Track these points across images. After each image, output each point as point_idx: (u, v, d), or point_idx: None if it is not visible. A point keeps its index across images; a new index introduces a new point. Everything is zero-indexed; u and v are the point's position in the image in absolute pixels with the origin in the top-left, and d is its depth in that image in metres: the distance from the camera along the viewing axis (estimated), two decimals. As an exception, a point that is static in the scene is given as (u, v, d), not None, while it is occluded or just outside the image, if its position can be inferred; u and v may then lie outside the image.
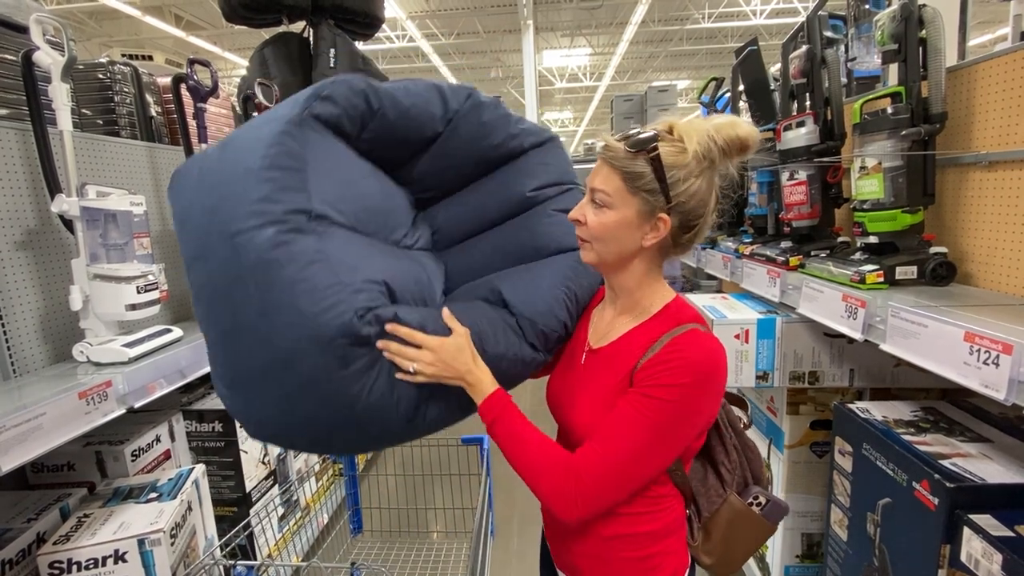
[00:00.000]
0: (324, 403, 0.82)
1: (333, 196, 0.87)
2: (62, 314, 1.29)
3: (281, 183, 0.79)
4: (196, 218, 0.84)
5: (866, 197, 1.34)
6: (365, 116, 0.95)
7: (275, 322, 0.78)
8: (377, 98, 0.94)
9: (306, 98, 0.88)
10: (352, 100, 0.92)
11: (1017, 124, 1.17)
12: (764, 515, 0.99)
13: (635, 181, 0.85)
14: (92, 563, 1.07)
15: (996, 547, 0.85)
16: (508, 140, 1.10)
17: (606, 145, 0.87)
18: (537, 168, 1.13)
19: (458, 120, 1.05)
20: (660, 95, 5.83)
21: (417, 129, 1.02)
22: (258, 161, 0.79)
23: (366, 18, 2.99)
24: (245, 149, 0.83)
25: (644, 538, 0.92)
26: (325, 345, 0.78)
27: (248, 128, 0.89)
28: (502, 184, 1.12)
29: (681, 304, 0.95)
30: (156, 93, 1.88)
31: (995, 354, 0.79)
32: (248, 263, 0.77)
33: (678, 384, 0.82)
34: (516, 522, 2.67)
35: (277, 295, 0.77)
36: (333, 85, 0.90)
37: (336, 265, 0.81)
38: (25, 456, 0.89)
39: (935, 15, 1.23)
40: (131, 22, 9.59)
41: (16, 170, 1.22)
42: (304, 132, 0.85)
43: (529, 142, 1.13)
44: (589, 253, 0.92)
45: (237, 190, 0.79)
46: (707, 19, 10.96)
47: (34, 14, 1.17)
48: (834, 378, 1.53)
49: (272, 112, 0.89)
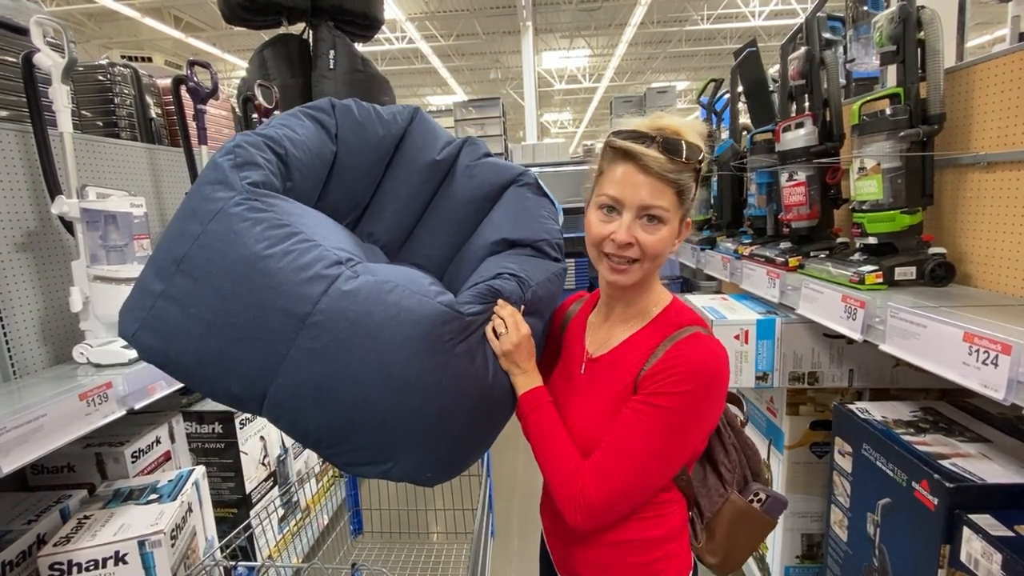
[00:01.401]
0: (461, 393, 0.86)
1: (333, 241, 0.88)
2: (62, 316, 1.29)
3: (298, 251, 0.79)
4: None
5: (865, 198, 1.34)
6: (280, 167, 0.93)
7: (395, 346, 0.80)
8: (279, 145, 0.92)
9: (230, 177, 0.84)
10: (262, 155, 0.89)
11: (1015, 125, 1.18)
12: (765, 511, 0.99)
13: (685, 194, 0.84)
14: (92, 564, 1.07)
15: (996, 547, 0.85)
16: (388, 127, 1.11)
17: (651, 157, 0.81)
18: (427, 138, 1.14)
19: (343, 133, 1.06)
20: (659, 96, 5.84)
21: (319, 157, 1.01)
22: (260, 248, 0.78)
23: (365, 19, 2.99)
24: (233, 244, 0.79)
25: (649, 543, 0.92)
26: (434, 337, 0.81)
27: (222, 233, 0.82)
28: (408, 165, 1.13)
29: (680, 307, 0.94)
30: (156, 95, 1.88)
31: (994, 354, 0.79)
32: (340, 320, 0.78)
33: (682, 391, 0.82)
34: (516, 523, 2.67)
35: (379, 326, 0.79)
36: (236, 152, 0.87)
37: (390, 274, 0.85)
38: (25, 457, 0.88)
39: (933, 16, 1.24)
40: (131, 24, 9.59)
41: (16, 172, 1.22)
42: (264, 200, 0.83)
43: (404, 120, 1.14)
44: (635, 274, 0.87)
45: (276, 282, 0.78)
46: (706, 20, 10.98)
47: (34, 16, 1.17)
48: (834, 378, 1.53)
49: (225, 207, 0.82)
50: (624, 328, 0.95)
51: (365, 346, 0.79)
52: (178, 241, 0.81)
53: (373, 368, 0.79)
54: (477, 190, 1.13)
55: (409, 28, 10.26)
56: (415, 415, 0.83)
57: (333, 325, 0.78)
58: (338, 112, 1.06)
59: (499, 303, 0.91)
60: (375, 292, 0.80)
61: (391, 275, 0.84)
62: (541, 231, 1.05)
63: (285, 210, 0.83)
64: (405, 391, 0.81)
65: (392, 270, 0.88)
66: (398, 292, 0.81)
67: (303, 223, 0.84)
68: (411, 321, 0.80)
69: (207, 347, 0.80)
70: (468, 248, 1.12)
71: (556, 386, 1.03)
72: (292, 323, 0.78)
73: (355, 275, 0.81)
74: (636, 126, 0.85)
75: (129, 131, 1.74)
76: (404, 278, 0.85)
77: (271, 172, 0.87)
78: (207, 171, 0.85)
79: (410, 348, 0.80)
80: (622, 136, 0.84)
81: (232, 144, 0.87)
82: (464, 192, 1.13)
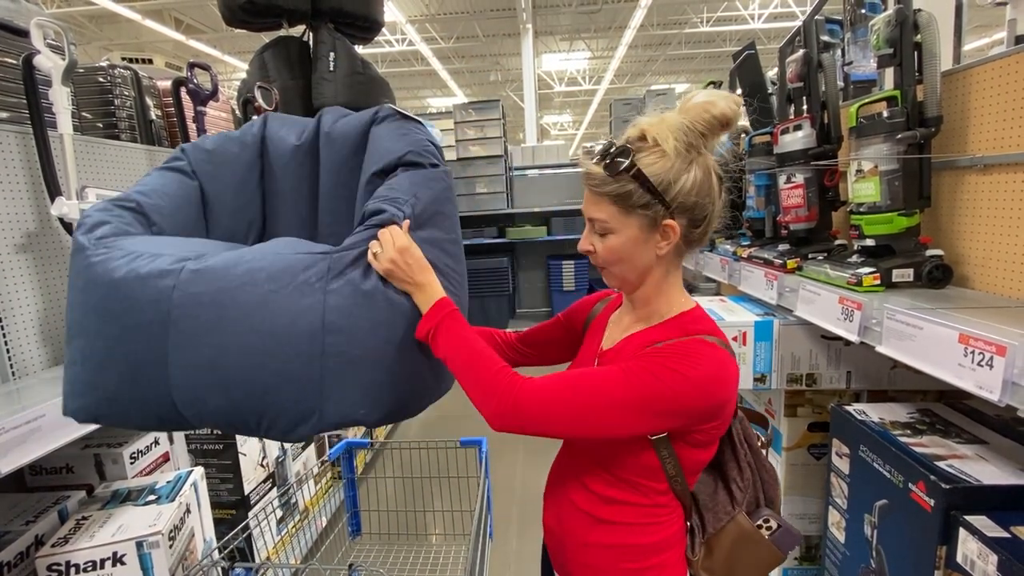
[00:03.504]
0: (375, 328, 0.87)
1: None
2: (61, 316, 1.29)
3: (140, 263, 0.86)
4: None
5: (863, 200, 1.34)
6: (137, 217, 1.00)
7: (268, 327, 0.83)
8: (128, 200, 1.01)
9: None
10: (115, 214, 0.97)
11: (1012, 128, 1.18)
12: (773, 540, 0.94)
13: (626, 201, 0.83)
14: (90, 565, 1.08)
15: (992, 548, 0.85)
16: (241, 141, 1.17)
17: (587, 173, 0.85)
18: (282, 132, 1.18)
19: (198, 166, 1.13)
20: (659, 99, 5.85)
21: (181, 197, 1.09)
22: (110, 275, 0.85)
23: (366, 22, 3.00)
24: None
25: (644, 549, 0.90)
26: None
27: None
28: (277, 162, 1.17)
29: (699, 315, 0.91)
30: (156, 96, 1.89)
31: (989, 355, 0.79)
32: (198, 304, 0.83)
33: (678, 371, 0.78)
34: (515, 524, 2.67)
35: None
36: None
37: (247, 253, 0.90)
38: (24, 458, 0.89)
39: (930, 20, 1.24)
40: (131, 26, 9.61)
41: (16, 173, 1.23)
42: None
43: (257, 127, 1.19)
44: (611, 279, 0.92)
45: (130, 293, 0.85)
46: (705, 23, 11.01)
47: (35, 18, 1.17)
48: (831, 380, 1.53)
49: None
50: (638, 326, 0.94)
51: (232, 317, 0.82)
52: (67, 314, 0.91)
53: (249, 333, 0.82)
54: (343, 150, 1.12)
55: (409, 30, 10.28)
56: (309, 359, 0.84)
57: (194, 311, 0.82)
58: (188, 151, 1.13)
59: (379, 231, 0.89)
60: (222, 269, 0.84)
61: (246, 254, 0.88)
62: (403, 146, 1.00)
63: (133, 243, 0.90)
64: (290, 341, 0.83)
65: (255, 249, 0.91)
66: (246, 262, 0.85)
67: (153, 246, 0.90)
68: (267, 278, 0.83)
69: (108, 385, 0.86)
70: (359, 205, 1.10)
71: None
72: (158, 325, 0.83)
73: (199, 264, 0.85)
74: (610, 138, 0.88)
75: (129, 133, 1.75)
76: (259, 251, 0.89)
77: (123, 223, 0.95)
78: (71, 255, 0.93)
79: (276, 303, 0.83)
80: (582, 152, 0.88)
81: (83, 218, 0.94)
82: (335, 159, 1.13)
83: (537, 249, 5.89)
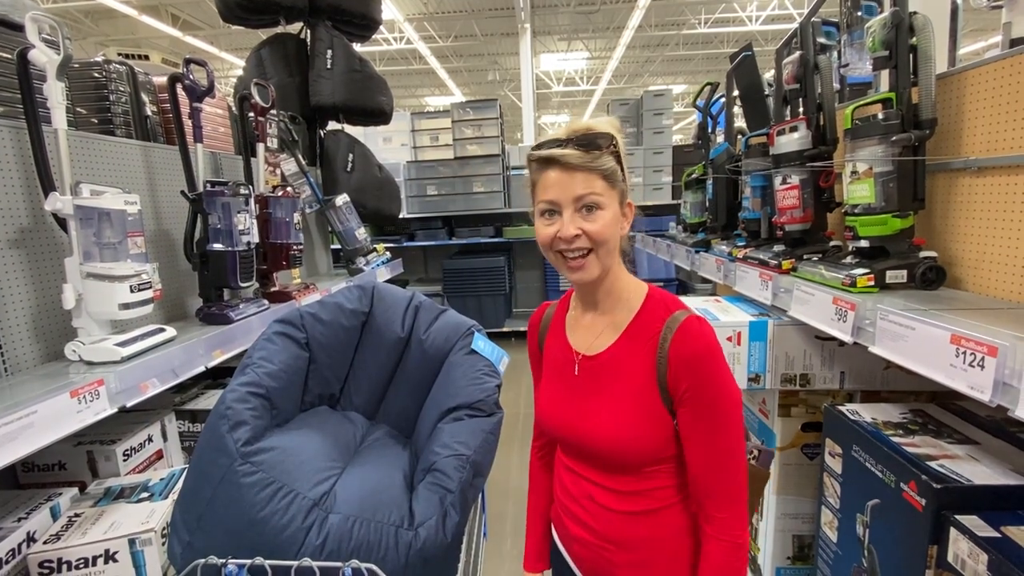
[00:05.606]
0: None
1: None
2: (54, 313, 1.29)
3: (281, 508, 0.95)
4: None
5: (857, 201, 1.35)
6: (264, 405, 1.10)
7: None
8: (259, 387, 1.10)
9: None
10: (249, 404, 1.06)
11: (1006, 130, 1.19)
12: (760, 464, 1.07)
13: (613, 176, 0.91)
14: (82, 563, 1.07)
15: (982, 547, 0.86)
16: (352, 318, 1.33)
17: (571, 155, 0.89)
18: (388, 315, 1.37)
19: (313, 338, 1.27)
20: (656, 99, 5.86)
21: (295, 371, 1.21)
22: (254, 512, 0.94)
23: (363, 20, 3.00)
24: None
25: (680, 532, 0.98)
26: None
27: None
28: (375, 343, 1.35)
29: (660, 294, 1.00)
30: (152, 92, 1.88)
31: (980, 356, 0.80)
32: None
33: (712, 375, 0.90)
34: (509, 525, 2.67)
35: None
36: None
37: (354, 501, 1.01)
38: (16, 455, 0.88)
39: (925, 23, 1.25)
40: (128, 21, 9.57)
41: (10, 168, 1.22)
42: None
43: (365, 306, 1.36)
44: (593, 266, 0.93)
45: (268, 539, 0.94)
46: (703, 24, 11.04)
47: (30, 12, 1.17)
48: (825, 380, 1.54)
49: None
50: (611, 322, 0.98)
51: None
52: (195, 502, 0.99)
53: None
54: (430, 360, 1.34)
55: (407, 29, 10.27)
56: None
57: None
58: (307, 323, 1.26)
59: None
60: (342, 532, 0.94)
61: (354, 504, 0.97)
62: (477, 392, 1.21)
63: (271, 463, 0.98)
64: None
65: (358, 486, 1.02)
66: (363, 529, 0.95)
67: (285, 470, 0.98)
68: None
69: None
70: (428, 405, 1.30)
71: (552, 391, 1.03)
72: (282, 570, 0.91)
73: (324, 517, 0.94)
74: (553, 135, 0.93)
75: (124, 128, 1.74)
76: (370, 505, 0.98)
77: (257, 418, 1.04)
78: (208, 435, 1.01)
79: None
80: (542, 147, 0.92)
81: (223, 407, 1.02)
82: (420, 361, 1.35)
83: (534, 248, 5.90)
